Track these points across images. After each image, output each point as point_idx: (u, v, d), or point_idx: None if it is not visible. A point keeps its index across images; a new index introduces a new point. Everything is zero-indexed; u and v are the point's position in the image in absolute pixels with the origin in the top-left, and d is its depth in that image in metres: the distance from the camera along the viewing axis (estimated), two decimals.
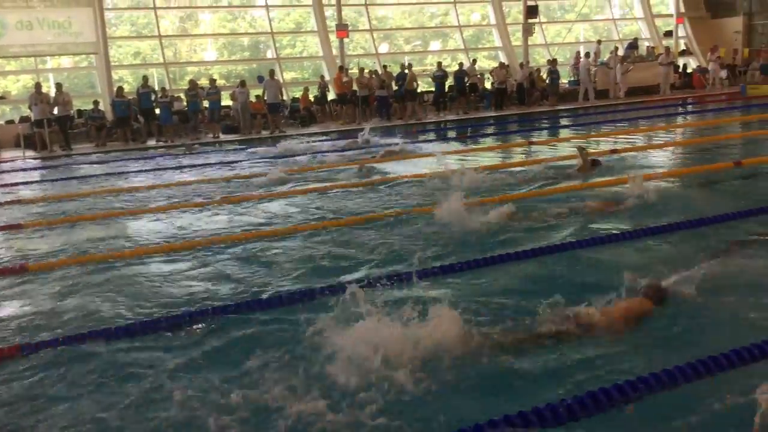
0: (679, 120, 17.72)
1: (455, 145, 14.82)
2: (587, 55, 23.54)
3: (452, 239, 6.09)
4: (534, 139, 14.05)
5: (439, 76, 21.73)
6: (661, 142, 12.47)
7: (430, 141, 15.73)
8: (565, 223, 6.45)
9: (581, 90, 23.17)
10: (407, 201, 8.12)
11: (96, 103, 19.34)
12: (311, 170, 11.39)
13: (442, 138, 17.19)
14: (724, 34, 28.53)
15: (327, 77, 22.56)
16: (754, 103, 19.85)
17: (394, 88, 21.13)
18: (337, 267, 5.56)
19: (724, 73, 25.49)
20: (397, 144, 13.47)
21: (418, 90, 21.77)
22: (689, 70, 26.43)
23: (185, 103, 19.23)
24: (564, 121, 19.16)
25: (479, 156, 12.38)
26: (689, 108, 20.61)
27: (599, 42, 25.05)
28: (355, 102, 20.81)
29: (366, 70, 21.29)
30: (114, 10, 22.72)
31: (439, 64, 22.23)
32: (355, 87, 20.62)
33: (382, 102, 21.03)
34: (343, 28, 21.83)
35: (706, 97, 22.67)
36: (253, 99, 20.09)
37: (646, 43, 27.24)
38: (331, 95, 22.01)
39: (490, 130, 17.94)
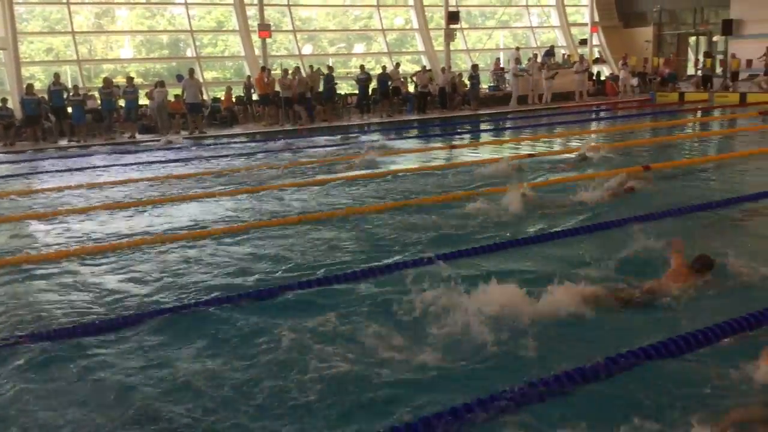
0: (593, 125, 18.34)
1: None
2: (517, 61, 24.08)
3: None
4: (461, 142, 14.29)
5: (363, 79, 21.79)
6: (577, 147, 12.84)
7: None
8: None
9: (514, 95, 23.69)
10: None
11: (4, 100, 18.39)
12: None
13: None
14: (635, 44, 29.80)
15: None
16: (665, 110, 20.83)
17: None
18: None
19: (635, 81, 26.60)
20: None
21: (342, 92, 21.73)
22: (603, 78, 27.40)
23: (99, 102, 18.59)
24: (498, 124, 19.54)
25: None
26: (603, 114, 21.37)
27: (518, 49, 25.67)
28: (277, 103, 20.60)
29: (290, 71, 21.11)
30: (25, 4, 21.73)
31: (362, 67, 22.28)
32: (277, 88, 20.42)
33: (306, 104, 20.88)
34: (265, 28, 21.58)
35: (618, 103, 23.59)
36: (171, 98, 19.61)
37: (562, 51, 28.13)
38: (254, 96, 21.70)
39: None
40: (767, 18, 24.15)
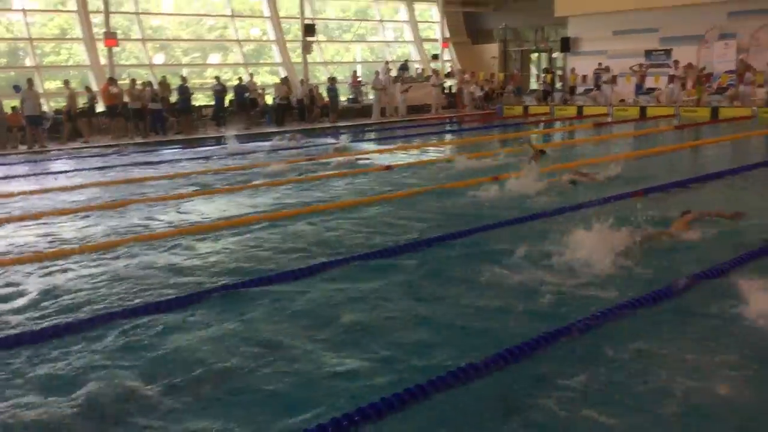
0: (447, 137, 19.05)
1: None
2: (377, 73, 24.50)
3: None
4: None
5: (219, 90, 21.35)
6: (432, 158, 13.28)
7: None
8: None
9: (376, 108, 24.07)
10: None
11: None
12: None
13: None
14: (483, 59, 31.36)
15: (95, 88, 21.09)
16: (510, 122, 22.05)
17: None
18: None
19: (482, 95, 27.94)
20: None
21: (197, 104, 21.18)
22: (454, 91, 28.55)
23: None
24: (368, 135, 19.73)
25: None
26: (455, 126, 22.25)
27: (387, 63, 26.18)
28: (126, 115, 19.72)
29: (139, 82, 20.29)
30: None
31: (218, 78, 21.85)
32: (126, 99, 19.56)
33: (157, 115, 20.17)
34: (111, 37, 20.63)
35: (469, 116, 24.67)
36: (8, 111, 18.24)
37: (416, 66, 29.06)
38: (100, 107, 20.62)
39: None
40: (601, 36, 26.25)
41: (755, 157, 12.29)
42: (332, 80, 24.00)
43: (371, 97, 24.93)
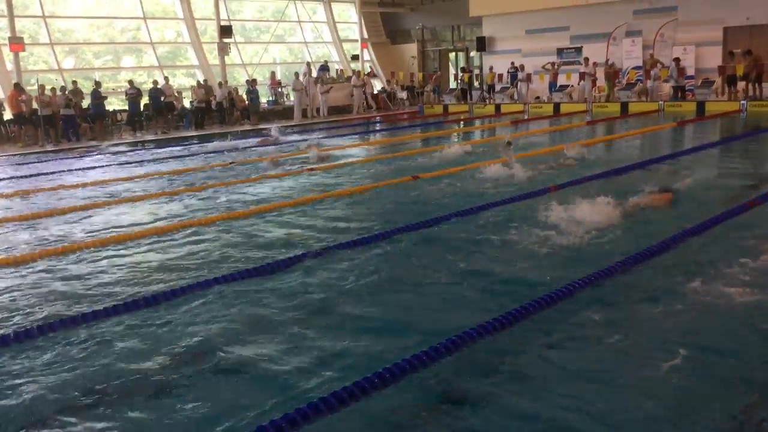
0: (370, 137, 19.15)
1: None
2: (296, 74, 24.34)
3: None
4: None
5: (133, 94, 20.75)
6: (354, 160, 13.33)
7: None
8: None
9: (297, 109, 23.92)
10: None
11: None
12: None
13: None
14: (403, 59, 31.68)
15: (1, 95, 20.16)
16: (431, 121, 22.37)
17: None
18: None
19: (404, 95, 28.26)
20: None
21: (112, 108, 20.55)
22: (375, 91, 28.71)
23: None
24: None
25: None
26: (377, 126, 22.40)
27: (308, 64, 26.04)
28: (35, 122, 18.93)
29: (48, 87, 19.51)
30: None
31: (131, 82, 21.23)
32: (35, 105, 18.77)
33: (69, 122, 19.45)
34: (17, 41, 19.75)
35: (390, 116, 24.88)
36: None
37: (336, 66, 29.07)
38: (7, 115, 19.72)
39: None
40: (515, 35, 26.97)
41: (664, 149, 12.92)
42: (251, 82, 23.75)
43: (292, 98, 24.80)
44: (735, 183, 8.95)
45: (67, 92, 19.37)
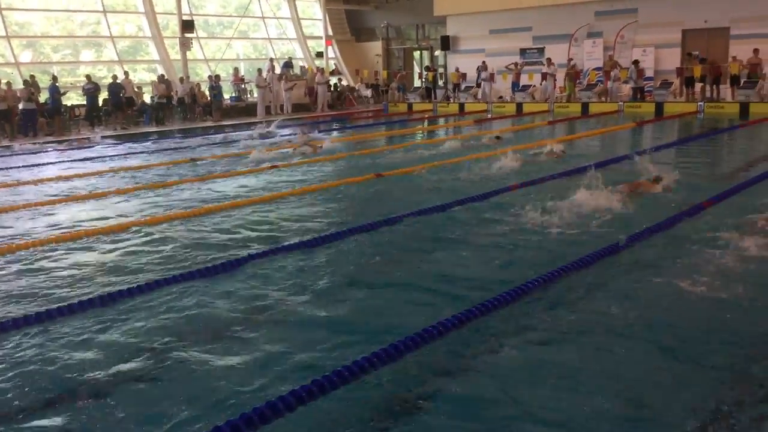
0: (335, 134, 19.05)
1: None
2: (259, 71, 24.12)
3: None
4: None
5: (90, 89, 20.30)
6: (318, 158, 13.24)
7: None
8: None
9: (260, 105, 23.72)
10: None
11: None
12: None
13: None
14: (368, 57, 31.66)
15: None
16: (395, 119, 22.37)
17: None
18: None
19: (369, 93, 28.23)
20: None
21: (70, 103, 20.12)
22: (340, 89, 28.63)
23: None
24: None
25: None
26: (343, 124, 22.29)
27: (271, 60, 25.83)
28: None
29: (4, 81, 19.02)
30: None
31: (88, 77, 20.76)
32: None
33: (27, 116, 18.99)
34: None
35: (355, 114, 24.83)
36: None
37: (300, 63, 28.91)
38: None
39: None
40: (479, 35, 27.14)
41: (622, 149, 13.12)
42: (214, 78, 23.47)
43: (255, 95, 24.58)
44: (695, 181, 9.10)
45: (23, 86, 18.93)
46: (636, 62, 22.00)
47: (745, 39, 20.79)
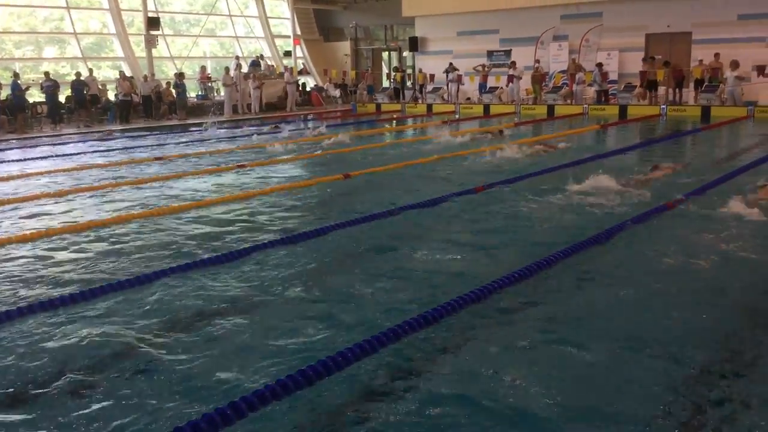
0: (306, 134, 18.98)
1: None
2: (227, 69, 23.92)
3: None
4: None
5: (49, 86, 19.88)
6: (288, 157, 13.18)
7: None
8: None
9: (227, 104, 23.55)
10: None
11: None
12: None
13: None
14: (336, 57, 31.60)
15: None
16: (364, 119, 22.39)
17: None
18: None
19: (337, 92, 28.18)
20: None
21: (33, 101, 19.71)
22: (308, 89, 28.56)
23: None
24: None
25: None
26: (311, 124, 22.19)
27: (237, 58, 25.63)
28: None
29: None
30: None
31: (47, 73, 20.33)
32: None
33: None
34: None
35: (324, 113, 24.76)
36: None
37: (268, 62, 28.74)
38: None
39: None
40: (446, 37, 27.28)
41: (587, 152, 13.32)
42: (179, 76, 23.21)
43: (222, 93, 24.39)
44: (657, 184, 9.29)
45: None
46: (600, 65, 22.35)
47: (707, 44, 21.27)
